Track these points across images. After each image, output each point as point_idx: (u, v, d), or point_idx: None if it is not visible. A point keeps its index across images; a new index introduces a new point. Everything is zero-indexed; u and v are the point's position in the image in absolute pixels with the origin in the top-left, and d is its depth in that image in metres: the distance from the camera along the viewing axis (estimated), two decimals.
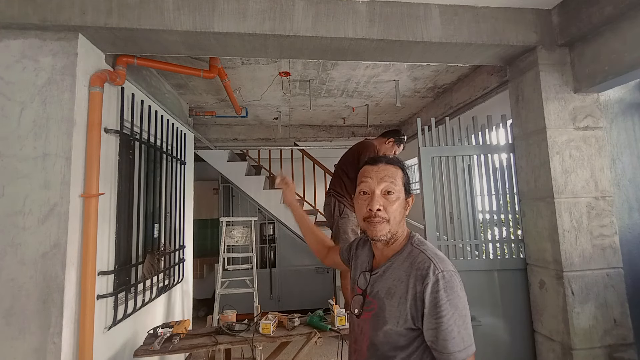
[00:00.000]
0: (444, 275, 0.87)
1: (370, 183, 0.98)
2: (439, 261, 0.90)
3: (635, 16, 1.64)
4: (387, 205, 0.96)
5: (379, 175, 0.98)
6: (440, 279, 0.86)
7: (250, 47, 1.96)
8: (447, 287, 0.86)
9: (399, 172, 1.01)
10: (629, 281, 1.90)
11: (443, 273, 0.87)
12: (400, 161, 1.04)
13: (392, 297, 0.92)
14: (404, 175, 1.01)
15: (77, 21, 1.68)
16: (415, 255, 0.93)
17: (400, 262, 0.96)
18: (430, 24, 1.92)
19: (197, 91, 3.38)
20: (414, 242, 0.98)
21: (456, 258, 2.15)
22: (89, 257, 1.71)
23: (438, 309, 0.84)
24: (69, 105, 1.69)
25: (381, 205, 0.96)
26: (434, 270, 0.87)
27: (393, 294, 0.92)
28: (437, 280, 0.86)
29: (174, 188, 3.04)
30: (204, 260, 5.36)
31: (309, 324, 2.26)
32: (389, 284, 0.95)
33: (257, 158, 5.58)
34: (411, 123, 4.60)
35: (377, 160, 1.03)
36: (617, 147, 2.03)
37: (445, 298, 0.85)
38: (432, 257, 0.90)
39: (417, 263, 0.91)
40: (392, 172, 0.99)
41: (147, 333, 2.17)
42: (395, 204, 0.97)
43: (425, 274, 0.88)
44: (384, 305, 0.93)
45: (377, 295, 0.96)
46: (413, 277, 0.90)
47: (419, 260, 0.91)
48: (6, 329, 1.55)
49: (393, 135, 2.85)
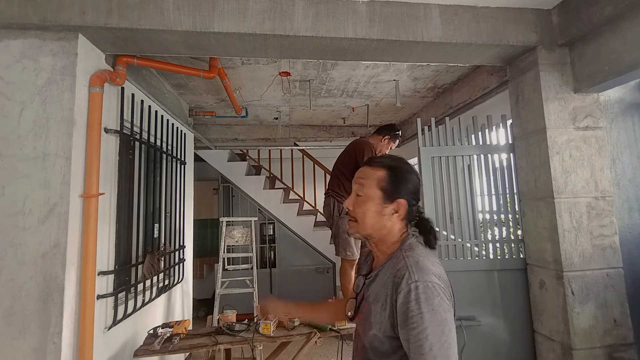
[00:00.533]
0: (417, 286, 0.82)
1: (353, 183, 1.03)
2: (416, 270, 0.85)
3: (635, 16, 1.64)
4: (355, 206, 0.99)
5: (357, 176, 1.02)
6: (413, 289, 0.81)
7: (250, 47, 1.96)
8: (421, 299, 0.80)
9: (379, 174, 0.97)
10: (629, 281, 1.90)
11: (417, 283, 0.82)
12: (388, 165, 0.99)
13: (377, 303, 0.90)
14: (387, 178, 0.96)
15: (77, 21, 1.68)
16: (397, 262, 0.91)
17: (388, 267, 0.93)
18: (430, 24, 1.92)
19: (197, 91, 3.38)
20: (404, 248, 0.94)
21: (456, 258, 2.15)
22: (89, 257, 1.70)
23: (408, 321, 0.80)
24: (69, 105, 1.69)
25: (351, 205, 0.99)
26: (407, 280, 0.83)
27: (378, 299, 0.91)
28: (410, 291, 0.82)
29: (174, 188, 3.04)
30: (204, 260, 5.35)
31: (309, 324, 2.26)
32: (377, 289, 0.93)
33: (257, 158, 5.58)
34: (411, 123, 4.60)
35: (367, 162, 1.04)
36: (617, 147, 2.03)
37: (417, 310, 0.80)
38: (410, 266, 0.86)
39: (396, 270, 0.88)
40: (368, 174, 0.99)
41: (147, 333, 2.17)
42: (363, 205, 0.96)
43: (399, 282, 0.85)
44: (370, 310, 0.92)
45: (367, 299, 0.96)
46: (391, 284, 0.87)
47: (398, 267, 0.88)
48: (6, 329, 1.55)
49: (388, 131, 2.86)
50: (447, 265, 2.11)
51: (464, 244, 2.17)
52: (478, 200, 2.27)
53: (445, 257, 2.14)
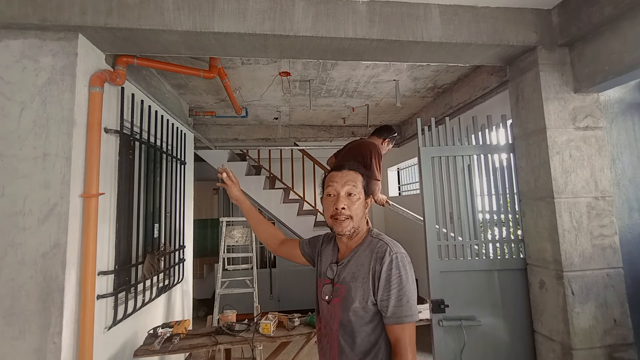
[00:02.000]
0: (397, 257, 1.09)
1: (336, 186, 1.17)
2: (393, 246, 1.12)
3: (635, 16, 1.64)
4: (350, 205, 1.15)
5: (342, 180, 1.17)
6: (394, 259, 1.08)
7: (250, 47, 1.96)
8: (400, 266, 1.08)
9: (359, 176, 1.20)
10: (629, 281, 1.90)
11: (396, 254, 1.09)
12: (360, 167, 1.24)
13: (357, 280, 1.12)
14: (363, 179, 1.21)
15: (77, 21, 1.68)
16: (374, 244, 1.15)
17: (362, 251, 1.16)
18: (430, 24, 1.92)
19: (197, 91, 3.38)
20: (373, 234, 1.20)
21: (456, 258, 2.15)
22: (89, 257, 1.71)
23: (391, 282, 1.06)
24: (69, 105, 1.69)
25: (345, 204, 1.15)
26: (389, 252, 1.10)
27: (357, 277, 1.12)
28: (392, 260, 1.08)
29: (174, 188, 3.04)
30: (204, 260, 5.36)
31: (309, 324, 2.26)
32: (354, 270, 1.14)
33: (257, 158, 5.58)
34: (411, 123, 4.60)
35: (342, 167, 1.22)
36: (617, 147, 2.03)
37: (397, 274, 1.07)
38: (388, 243, 1.13)
39: (376, 249, 1.13)
40: (353, 176, 1.19)
41: (147, 333, 2.17)
42: (357, 203, 1.16)
43: (382, 255, 1.10)
44: (350, 288, 1.12)
45: (343, 280, 1.15)
46: (373, 259, 1.11)
47: (378, 246, 1.13)
48: (6, 329, 1.55)
49: (387, 133, 2.99)
50: (447, 265, 2.11)
51: (464, 244, 2.17)
52: (478, 200, 2.27)
53: (445, 257, 2.14)
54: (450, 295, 2.06)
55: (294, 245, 1.42)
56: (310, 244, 1.38)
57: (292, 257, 1.41)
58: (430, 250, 2.12)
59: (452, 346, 2.03)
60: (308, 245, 1.38)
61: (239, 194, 1.45)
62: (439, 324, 2.02)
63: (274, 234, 1.47)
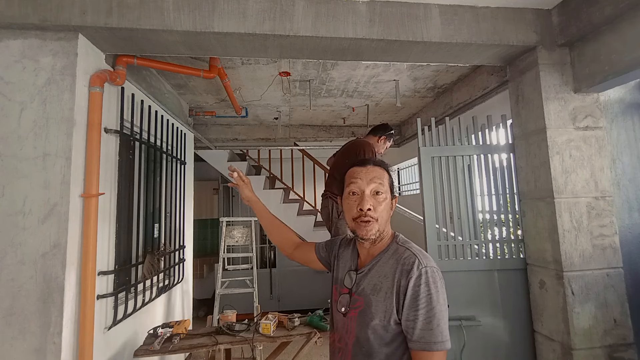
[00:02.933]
0: (426, 271, 0.91)
1: (360, 184, 1.01)
2: (423, 257, 0.94)
3: (635, 16, 1.64)
4: (377, 205, 1.00)
5: (368, 176, 1.02)
6: (424, 273, 0.90)
7: (250, 47, 1.96)
8: (430, 282, 0.89)
9: (385, 173, 1.05)
10: (629, 281, 1.90)
11: (426, 268, 0.91)
12: (385, 163, 1.08)
13: (378, 293, 0.95)
14: (389, 177, 1.06)
15: (77, 21, 1.68)
16: (401, 253, 0.98)
17: (386, 259, 0.99)
18: (430, 24, 1.92)
19: (197, 91, 3.38)
20: (399, 241, 1.02)
21: (456, 258, 2.15)
22: (89, 257, 1.70)
23: (418, 301, 0.88)
24: (69, 105, 1.68)
25: (371, 205, 0.99)
26: (417, 265, 0.92)
27: (379, 289, 0.95)
28: (420, 275, 0.90)
29: (174, 188, 3.04)
30: (204, 260, 5.36)
31: (309, 324, 2.26)
32: (375, 281, 0.98)
33: (257, 158, 5.58)
34: (411, 123, 4.60)
35: (366, 161, 1.06)
36: (617, 147, 2.03)
37: (427, 292, 0.89)
38: (417, 254, 0.95)
39: (402, 259, 0.95)
40: (379, 173, 1.03)
41: (147, 333, 2.17)
42: (383, 204, 1.01)
43: (410, 268, 0.92)
44: (370, 302, 0.96)
45: (362, 292, 0.99)
46: (399, 272, 0.94)
47: (405, 257, 0.95)
48: (6, 329, 1.55)
49: (383, 131, 2.92)
50: (447, 265, 2.11)
51: (464, 244, 2.17)
52: (478, 200, 2.27)
53: (445, 257, 2.14)
54: (450, 295, 2.03)
55: (310, 249, 1.28)
56: (326, 247, 1.24)
57: (308, 262, 1.28)
58: (430, 250, 2.12)
59: (452, 346, 2.03)
60: (324, 249, 1.24)
61: (251, 194, 1.37)
62: None
63: (288, 237, 1.35)
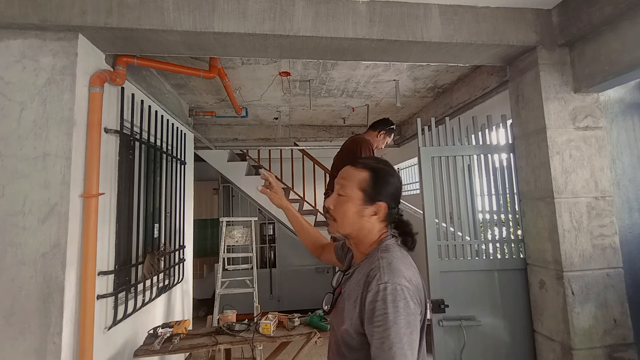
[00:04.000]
0: (385, 287, 0.83)
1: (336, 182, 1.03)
2: (387, 272, 0.86)
3: (635, 16, 1.64)
4: (336, 205, 0.99)
5: (339, 176, 1.02)
6: (382, 290, 0.83)
7: (250, 47, 1.96)
8: (387, 300, 0.82)
9: (362, 175, 0.98)
10: (629, 281, 1.90)
11: (386, 284, 0.84)
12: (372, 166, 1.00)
13: (350, 299, 0.92)
14: (370, 180, 0.97)
15: (77, 21, 1.68)
16: (373, 262, 0.92)
17: (363, 266, 0.95)
18: (430, 24, 1.92)
19: (197, 91, 3.38)
20: (381, 248, 0.95)
21: (456, 258, 2.15)
22: (89, 257, 1.70)
23: (374, 319, 0.82)
24: (69, 105, 1.69)
25: (332, 204, 1.00)
26: (377, 280, 0.85)
27: (351, 296, 0.93)
28: (378, 291, 0.84)
29: (174, 188, 3.04)
30: (204, 260, 5.36)
31: (309, 324, 2.26)
32: (352, 286, 0.95)
33: (257, 158, 5.58)
34: (411, 123, 4.60)
35: (355, 162, 1.03)
36: (617, 147, 2.03)
37: (383, 310, 0.81)
38: (383, 267, 0.88)
39: (370, 269, 0.91)
40: (351, 174, 0.99)
41: (147, 333, 2.17)
42: (344, 205, 0.97)
43: (370, 281, 0.87)
44: (344, 305, 0.94)
45: (343, 294, 0.98)
46: (364, 283, 0.89)
47: (372, 267, 0.90)
48: (6, 329, 1.55)
49: (383, 126, 2.83)
50: (447, 265, 2.11)
51: (464, 244, 2.17)
52: (478, 200, 2.27)
53: (445, 257, 2.14)
54: (450, 295, 2.06)
55: (331, 249, 1.26)
56: (342, 247, 1.22)
57: (333, 262, 1.26)
58: (430, 250, 2.12)
59: (452, 346, 2.03)
60: (341, 249, 1.23)
61: (282, 201, 1.32)
62: (439, 324, 2.02)
63: (316, 240, 1.34)
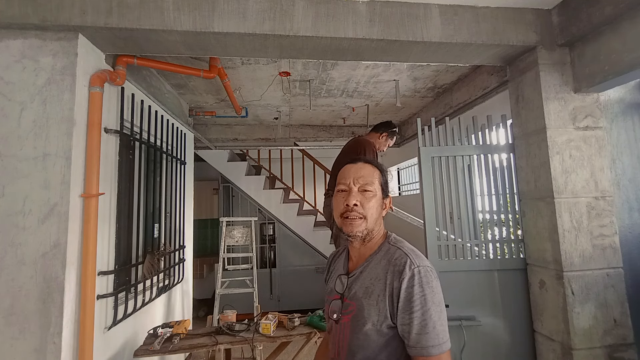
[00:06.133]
0: (419, 270, 0.88)
1: (349, 181, 1.00)
2: (415, 257, 0.91)
3: (635, 16, 1.64)
4: (364, 202, 0.97)
5: (357, 174, 1.00)
6: (416, 273, 0.87)
7: (250, 47, 1.96)
8: (423, 282, 0.86)
9: (377, 172, 1.03)
10: (629, 281, 1.90)
11: (419, 268, 0.88)
12: (378, 163, 1.07)
13: (370, 296, 0.92)
14: (381, 176, 1.03)
15: (77, 21, 1.68)
16: (392, 253, 0.94)
17: (377, 260, 0.96)
18: (430, 24, 1.92)
19: (197, 91, 3.38)
20: (391, 241, 0.99)
21: (456, 258, 2.15)
22: (89, 257, 1.70)
23: (412, 303, 0.85)
24: (69, 105, 1.68)
25: (358, 201, 0.97)
26: (410, 265, 0.88)
27: (371, 292, 0.92)
28: (413, 275, 0.87)
29: (174, 188, 3.04)
30: (204, 260, 5.36)
31: (309, 324, 2.26)
32: (367, 284, 0.94)
33: (257, 158, 5.58)
34: (411, 123, 4.60)
35: (356, 160, 1.05)
36: (617, 147, 2.03)
37: (420, 293, 0.85)
38: (409, 253, 0.92)
39: (394, 260, 0.92)
40: (369, 170, 1.02)
41: (147, 333, 2.17)
42: (372, 201, 0.98)
43: (401, 269, 0.89)
44: (362, 306, 0.92)
45: (354, 296, 0.95)
46: (390, 273, 0.90)
47: (396, 257, 0.92)
48: (6, 329, 1.55)
49: (385, 128, 2.85)
50: (447, 265, 2.11)
51: (464, 244, 2.17)
52: (478, 200, 2.27)
53: (445, 257, 2.14)
54: (450, 295, 2.06)
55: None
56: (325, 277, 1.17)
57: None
58: (430, 250, 2.12)
59: (452, 346, 2.03)
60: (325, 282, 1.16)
61: None
62: None
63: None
